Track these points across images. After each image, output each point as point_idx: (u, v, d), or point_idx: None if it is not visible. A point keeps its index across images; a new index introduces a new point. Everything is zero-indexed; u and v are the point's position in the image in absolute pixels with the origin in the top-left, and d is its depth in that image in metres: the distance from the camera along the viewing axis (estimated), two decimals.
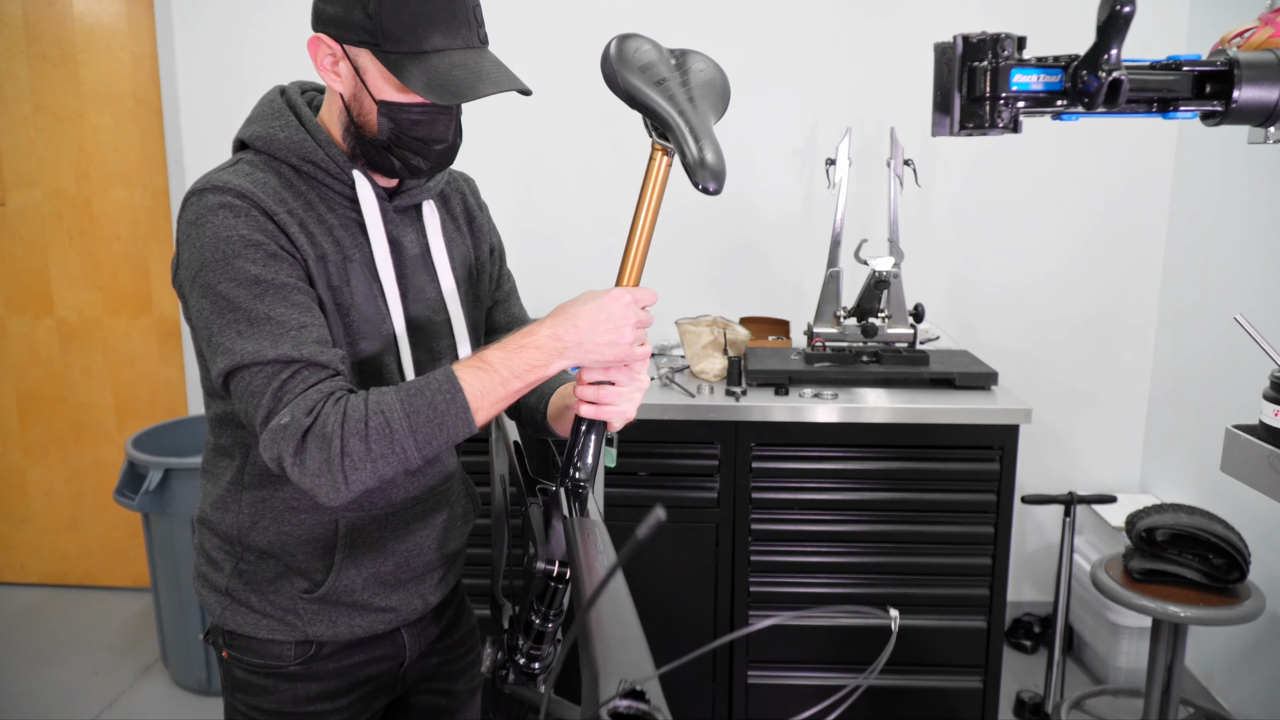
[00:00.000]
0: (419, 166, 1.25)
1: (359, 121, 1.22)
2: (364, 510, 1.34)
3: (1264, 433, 1.25)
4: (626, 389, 1.17)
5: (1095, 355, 3.24)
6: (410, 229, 1.34)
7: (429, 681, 1.54)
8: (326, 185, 1.26)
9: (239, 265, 1.14)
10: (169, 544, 2.85)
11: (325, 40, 1.20)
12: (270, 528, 1.32)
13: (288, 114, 1.26)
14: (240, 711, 1.39)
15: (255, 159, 1.25)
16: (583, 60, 2.71)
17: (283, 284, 1.15)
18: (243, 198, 1.17)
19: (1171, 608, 2.26)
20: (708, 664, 2.55)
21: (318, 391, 1.12)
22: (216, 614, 1.37)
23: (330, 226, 1.25)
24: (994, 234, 3.18)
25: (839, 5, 3.06)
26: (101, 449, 3.57)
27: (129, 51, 3.28)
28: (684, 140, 1.01)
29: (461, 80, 1.14)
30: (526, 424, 1.48)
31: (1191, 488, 2.97)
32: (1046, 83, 0.92)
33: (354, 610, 1.36)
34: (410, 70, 1.14)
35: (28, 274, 3.46)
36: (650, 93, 1.07)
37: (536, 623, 1.19)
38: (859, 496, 2.48)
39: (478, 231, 1.47)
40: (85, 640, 3.32)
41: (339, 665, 1.39)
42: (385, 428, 1.10)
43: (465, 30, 1.17)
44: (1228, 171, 2.84)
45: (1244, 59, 0.92)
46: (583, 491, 1.15)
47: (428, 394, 1.12)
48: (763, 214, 3.17)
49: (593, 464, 1.18)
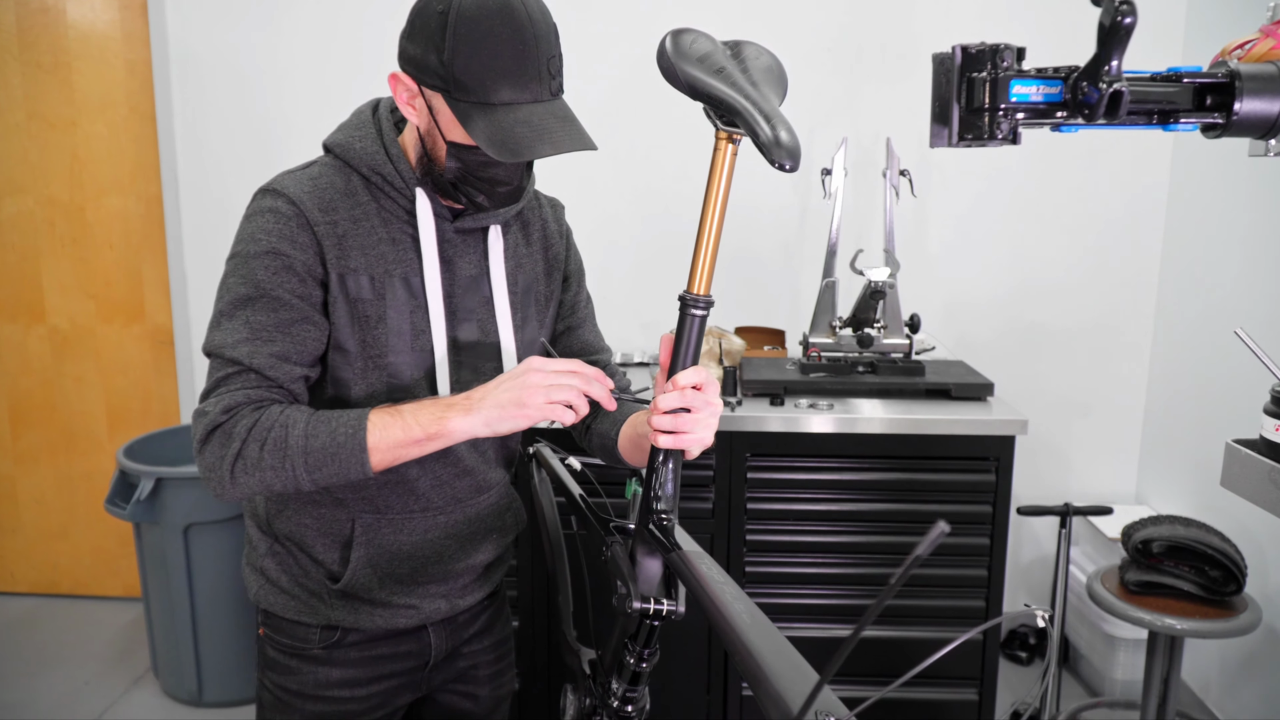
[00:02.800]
0: (483, 204, 1.31)
1: (431, 155, 1.28)
2: (380, 513, 1.38)
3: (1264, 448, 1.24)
4: (702, 414, 1.14)
5: (1091, 366, 3.24)
6: (472, 251, 1.38)
7: (455, 683, 1.55)
8: (390, 198, 1.32)
9: (253, 266, 1.24)
10: (160, 554, 2.83)
11: (404, 78, 1.25)
12: (292, 518, 1.39)
13: (370, 127, 1.33)
14: (267, 689, 1.46)
15: (332, 163, 1.33)
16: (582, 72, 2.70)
17: (277, 296, 1.24)
18: (292, 204, 1.26)
19: (1168, 620, 2.25)
20: (702, 675, 2.54)
21: (245, 395, 1.21)
22: (253, 591, 1.45)
23: (379, 239, 1.30)
24: (990, 245, 3.18)
25: (835, 15, 3.06)
26: (93, 458, 3.55)
27: (123, 59, 3.27)
28: (755, 121, 1.00)
29: (522, 138, 1.17)
30: (597, 452, 1.49)
31: (1187, 500, 2.97)
32: (1046, 94, 0.91)
33: (375, 605, 1.41)
34: (476, 121, 1.18)
35: (20, 282, 3.44)
36: (712, 80, 1.06)
37: (631, 663, 1.16)
38: (854, 507, 2.47)
39: (553, 258, 1.49)
40: (75, 650, 3.29)
41: (361, 654, 1.44)
42: (282, 442, 1.18)
43: (535, 84, 1.19)
44: (1224, 184, 2.84)
45: (1245, 71, 0.92)
46: (668, 524, 1.12)
47: (332, 424, 1.20)
48: (758, 224, 3.16)
49: (674, 493, 1.15)
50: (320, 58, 3.12)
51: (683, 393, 1.12)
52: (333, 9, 3.10)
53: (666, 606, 1.10)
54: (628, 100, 3.10)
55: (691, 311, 1.12)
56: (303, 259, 1.25)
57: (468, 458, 1.42)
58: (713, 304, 1.12)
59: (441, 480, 1.40)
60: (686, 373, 1.13)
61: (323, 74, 3.13)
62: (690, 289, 1.12)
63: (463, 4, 1.16)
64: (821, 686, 0.66)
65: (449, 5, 1.17)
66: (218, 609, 2.87)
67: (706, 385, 1.15)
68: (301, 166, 1.34)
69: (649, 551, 1.13)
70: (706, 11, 3.04)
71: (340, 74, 3.12)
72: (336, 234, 1.27)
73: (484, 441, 1.44)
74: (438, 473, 1.39)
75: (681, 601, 1.11)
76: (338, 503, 1.37)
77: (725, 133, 1.09)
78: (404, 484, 1.37)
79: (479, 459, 1.44)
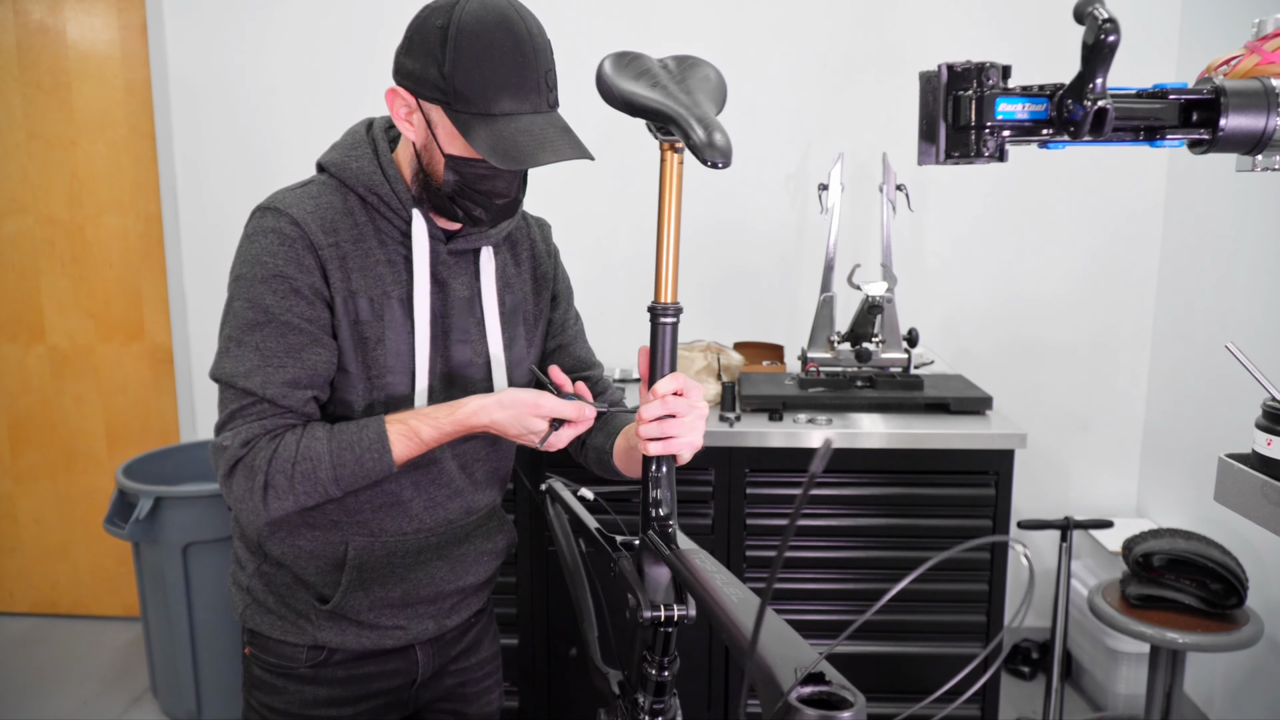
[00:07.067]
0: (480, 218, 1.31)
1: (428, 170, 1.29)
2: (373, 536, 1.39)
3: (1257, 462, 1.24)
4: (687, 418, 1.16)
5: (1090, 379, 3.23)
6: (465, 272, 1.39)
7: (443, 702, 1.56)
8: (386, 219, 1.32)
9: (259, 290, 1.25)
10: (159, 573, 2.83)
11: (401, 93, 1.26)
12: (285, 540, 1.39)
13: (365, 146, 1.34)
14: (254, 708, 1.46)
15: (328, 182, 1.33)
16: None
17: (286, 321, 1.25)
18: (295, 225, 1.26)
19: (1169, 634, 2.24)
20: (704, 693, 2.53)
21: (260, 426, 1.24)
22: (239, 610, 1.45)
23: (376, 261, 1.31)
24: (987, 258, 3.18)
25: (831, 30, 3.08)
26: (92, 477, 3.55)
27: (122, 79, 3.28)
28: (688, 126, 1.02)
29: (524, 146, 1.19)
30: (594, 466, 1.51)
31: (1188, 512, 2.96)
32: (1032, 111, 0.91)
33: (362, 626, 1.41)
34: (477, 131, 1.19)
35: (19, 301, 3.45)
36: (646, 93, 1.10)
37: (653, 673, 1.17)
38: (854, 522, 2.46)
39: (541, 278, 1.51)
40: (74, 670, 3.28)
41: (348, 674, 1.44)
42: (311, 474, 1.24)
43: (534, 95, 1.22)
44: (1220, 198, 2.84)
45: (1230, 87, 0.92)
46: (670, 530, 1.13)
47: (356, 450, 1.26)
48: (756, 239, 3.17)
49: (671, 499, 1.16)
50: (318, 78, 3.14)
51: (664, 401, 1.14)
52: (332, 30, 3.12)
53: (677, 612, 1.11)
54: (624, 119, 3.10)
55: (661, 320, 1.15)
56: (308, 281, 1.26)
57: (458, 479, 1.43)
58: (681, 310, 1.15)
59: (435, 502, 1.41)
60: (665, 380, 1.15)
61: (321, 94, 3.15)
62: (657, 298, 1.14)
63: (463, 18, 1.18)
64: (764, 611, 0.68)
65: (449, 19, 1.19)
66: (217, 628, 2.86)
67: (687, 390, 1.16)
68: (299, 185, 1.34)
69: (655, 560, 1.14)
70: (706, 30, 3.06)
71: (337, 94, 3.13)
72: (339, 255, 1.28)
73: (473, 464, 1.45)
74: (431, 494, 1.40)
75: (692, 606, 1.12)
76: (332, 525, 1.37)
77: (667, 143, 1.13)
78: (398, 506, 1.38)
79: (468, 482, 1.45)
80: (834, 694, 0.73)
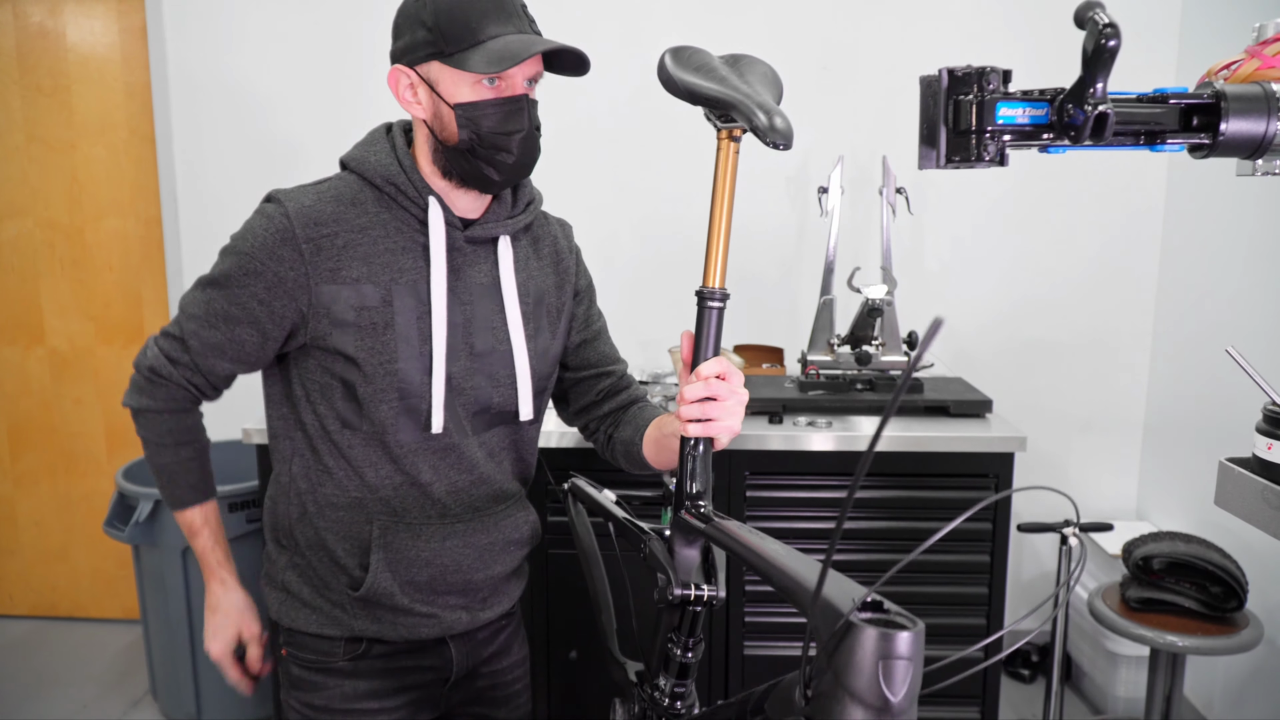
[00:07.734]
0: (505, 161, 1.32)
1: (442, 137, 1.32)
2: (397, 515, 1.41)
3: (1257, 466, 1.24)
4: (729, 402, 1.17)
5: (1090, 382, 3.23)
6: (483, 261, 1.42)
7: (472, 704, 1.57)
8: (404, 208, 1.36)
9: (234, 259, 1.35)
10: (159, 576, 2.83)
11: (401, 70, 1.31)
12: (313, 521, 1.42)
13: (384, 143, 1.39)
14: (294, 708, 1.47)
15: (346, 177, 1.39)
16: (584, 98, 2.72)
17: (237, 295, 1.34)
18: (286, 217, 1.31)
19: (1169, 637, 2.24)
20: (704, 693, 2.52)
21: (176, 383, 1.41)
22: (274, 609, 1.48)
23: (386, 248, 1.34)
24: (987, 261, 3.18)
25: (831, 34, 3.08)
26: (92, 479, 3.55)
27: (122, 82, 3.29)
28: (750, 112, 1.06)
29: (517, 47, 1.25)
30: (622, 460, 1.53)
31: (1188, 515, 2.96)
32: (1033, 116, 0.91)
33: (397, 612, 1.43)
34: (472, 58, 1.25)
35: (19, 304, 3.45)
36: (708, 83, 1.14)
37: (678, 654, 1.18)
38: (854, 525, 2.46)
39: (564, 273, 1.54)
40: (74, 673, 3.28)
41: (386, 666, 1.46)
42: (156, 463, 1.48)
43: (517, 19, 1.29)
44: (1220, 201, 2.85)
45: (1231, 92, 0.92)
46: (705, 510, 1.14)
47: (178, 490, 1.49)
48: (756, 241, 3.17)
49: (707, 481, 1.18)
50: (318, 81, 3.14)
51: (707, 382, 1.15)
52: (331, 32, 3.12)
53: (708, 591, 1.13)
54: (628, 122, 3.11)
55: (709, 304, 1.19)
56: (275, 270, 1.31)
57: (483, 465, 1.44)
58: (728, 296, 1.19)
59: (457, 487, 1.42)
60: (709, 363, 1.17)
61: (321, 96, 3.15)
62: (706, 283, 1.19)
63: None
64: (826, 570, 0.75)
65: None
66: None
67: (729, 374, 1.17)
68: (316, 180, 1.40)
69: (687, 542, 1.16)
70: (706, 33, 3.05)
71: (338, 96, 3.13)
72: (335, 245, 1.31)
73: (499, 451, 1.48)
74: (453, 479, 1.42)
75: (721, 586, 1.13)
76: (356, 504, 1.39)
77: (725, 131, 1.16)
78: (418, 487, 1.40)
79: (494, 468, 1.47)
80: (893, 619, 0.77)
